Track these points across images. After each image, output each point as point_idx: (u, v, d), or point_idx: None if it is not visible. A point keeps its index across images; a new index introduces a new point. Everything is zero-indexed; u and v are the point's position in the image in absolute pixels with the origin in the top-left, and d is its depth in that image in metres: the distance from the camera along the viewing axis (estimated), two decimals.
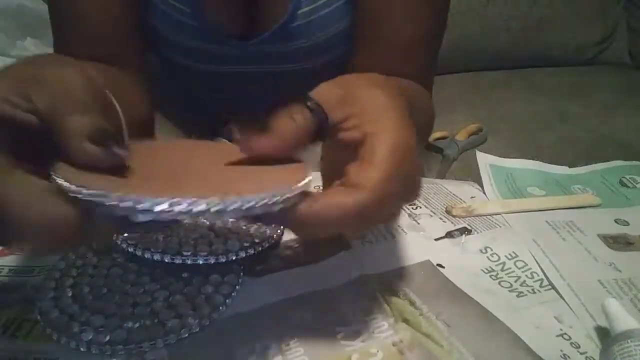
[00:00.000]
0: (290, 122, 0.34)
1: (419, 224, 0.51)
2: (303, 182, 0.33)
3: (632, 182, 0.60)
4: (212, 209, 0.29)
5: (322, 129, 0.35)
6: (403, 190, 0.34)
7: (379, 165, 0.33)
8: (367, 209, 0.32)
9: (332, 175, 0.36)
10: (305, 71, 0.69)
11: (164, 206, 0.28)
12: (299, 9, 0.63)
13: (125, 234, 0.44)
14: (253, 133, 0.34)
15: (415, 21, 0.61)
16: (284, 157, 0.35)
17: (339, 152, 0.36)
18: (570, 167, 0.63)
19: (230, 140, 0.34)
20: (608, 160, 0.64)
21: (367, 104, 0.35)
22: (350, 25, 0.65)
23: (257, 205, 0.30)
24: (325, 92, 0.36)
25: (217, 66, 0.69)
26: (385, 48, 0.62)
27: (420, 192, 0.37)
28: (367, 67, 0.45)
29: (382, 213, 0.34)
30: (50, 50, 0.73)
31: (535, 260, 0.47)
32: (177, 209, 0.28)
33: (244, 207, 0.30)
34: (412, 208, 0.53)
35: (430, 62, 0.67)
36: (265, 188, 0.31)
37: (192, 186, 0.32)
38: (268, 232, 0.45)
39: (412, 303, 0.41)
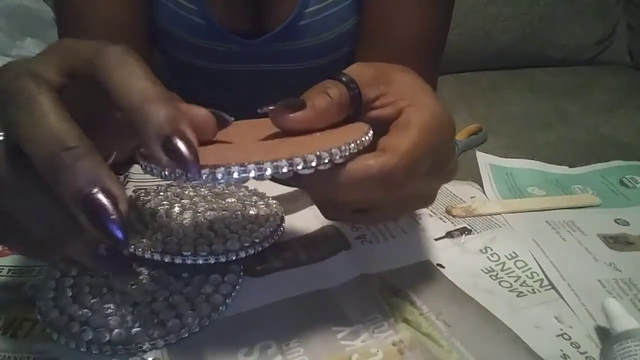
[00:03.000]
0: (325, 96, 0.34)
1: (419, 224, 0.51)
2: (366, 137, 0.33)
3: (632, 182, 0.59)
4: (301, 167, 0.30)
5: (356, 106, 0.35)
6: (435, 165, 0.34)
7: (411, 133, 0.33)
8: (393, 172, 0.31)
9: None
10: (313, 70, 0.69)
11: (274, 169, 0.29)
12: (307, 7, 0.63)
13: None
14: (286, 108, 0.33)
15: (420, 21, 0.61)
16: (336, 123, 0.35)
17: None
18: (570, 167, 0.63)
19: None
20: (608, 160, 0.64)
21: (401, 83, 0.35)
22: (356, 25, 0.65)
23: (336, 156, 0.31)
24: (358, 71, 0.36)
25: (225, 65, 0.69)
26: (389, 47, 0.62)
27: (455, 173, 0.37)
28: None
29: (411, 184, 0.33)
30: None
31: (535, 260, 0.47)
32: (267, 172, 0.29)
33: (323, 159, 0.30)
34: None
35: (434, 63, 0.67)
36: (328, 145, 0.31)
37: (261, 153, 0.32)
38: (268, 232, 0.45)
39: (412, 303, 0.41)
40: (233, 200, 0.50)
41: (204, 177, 0.29)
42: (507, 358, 0.37)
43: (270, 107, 0.33)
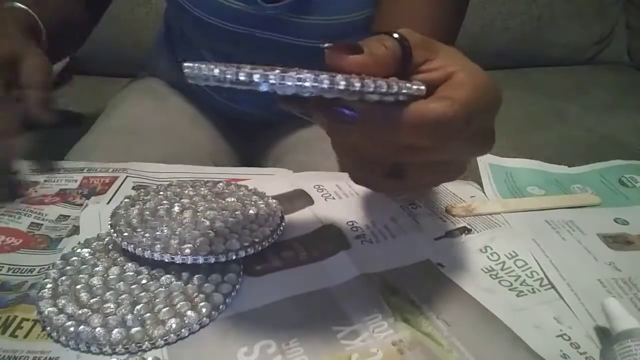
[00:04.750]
0: (381, 45, 0.34)
1: (418, 223, 0.51)
2: (423, 86, 0.33)
3: (631, 181, 0.60)
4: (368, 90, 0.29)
5: (406, 64, 0.35)
6: (480, 131, 0.35)
7: (468, 88, 0.33)
8: (452, 119, 0.32)
9: None
10: (318, 51, 0.69)
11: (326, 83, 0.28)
12: None
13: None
14: (344, 48, 0.33)
15: (432, 19, 0.61)
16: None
17: None
18: (569, 166, 0.63)
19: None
20: (607, 160, 0.64)
21: (448, 52, 0.36)
22: (370, 17, 0.66)
23: (401, 90, 0.30)
24: (407, 33, 0.35)
25: (239, 26, 0.70)
26: None
27: (492, 147, 0.37)
28: None
29: (462, 138, 0.34)
30: None
31: (535, 259, 0.47)
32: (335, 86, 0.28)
33: (390, 89, 0.30)
34: (412, 208, 0.53)
35: None
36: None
37: None
38: (268, 231, 0.45)
39: (412, 302, 0.41)
40: (233, 199, 0.50)
41: (272, 80, 0.27)
42: (507, 357, 0.37)
43: (328, 44, 0.33)
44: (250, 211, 0.48)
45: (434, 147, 0.34)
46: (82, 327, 0.37)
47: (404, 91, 0.31)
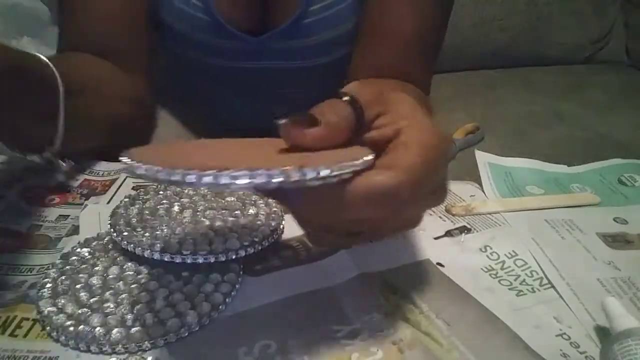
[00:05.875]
0: (334, 114, 0.33)
1: None
2: (370, 157, 0.32)
3: (630, 180, 0.60)
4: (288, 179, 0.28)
5: (358, 126, 0.35)
6: (432, 187, 0.34)
7: (414, 150, 0.32)
8: (399, 188, 0.31)
9: None
10: (318, 68, 0.69)
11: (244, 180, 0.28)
12: (311, 5, 0.64)
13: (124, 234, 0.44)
14: (297, 124, 0.33)
15: (420, 17, 0.61)
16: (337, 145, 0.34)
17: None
18: (568, 165, 0.63)
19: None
20: (606, 159, 0.64)
21: (398, 103, 0.35)
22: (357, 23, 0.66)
23: (331, 174, 0.29)
24: (358, 90, 0.35)
25: (230, 61, 0.69)
26: (387, 43, 0.62)
27: (445, 198, 0.36)
28: (368, 62, 0.43)
29: (415, 202, 0.33)
30: (46, 48, 0.73)
31: (535, 259, 0.47)
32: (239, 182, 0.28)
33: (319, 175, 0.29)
34: None
35: (431, 59, 0.67)
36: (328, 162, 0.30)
37: (255, 163, 0.30)
38: (268, 231, 0.45)
39: (412, 302, 0.41)
40: (233, 199, 0.50)
41: (205, 179, 0.27)
42: (507, 357, 0.37)
43: (283, 121, 0.32)
44: (250, 211, 0.48)
45: (386, 217, 0.33)
46: (81, 326, 0.37)
47: (347, 170, 0.30)
